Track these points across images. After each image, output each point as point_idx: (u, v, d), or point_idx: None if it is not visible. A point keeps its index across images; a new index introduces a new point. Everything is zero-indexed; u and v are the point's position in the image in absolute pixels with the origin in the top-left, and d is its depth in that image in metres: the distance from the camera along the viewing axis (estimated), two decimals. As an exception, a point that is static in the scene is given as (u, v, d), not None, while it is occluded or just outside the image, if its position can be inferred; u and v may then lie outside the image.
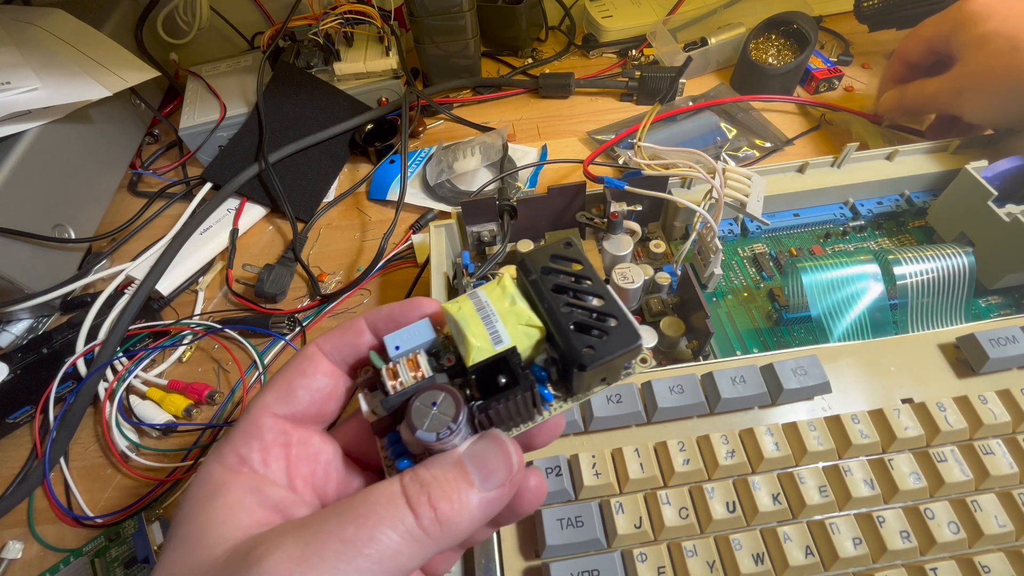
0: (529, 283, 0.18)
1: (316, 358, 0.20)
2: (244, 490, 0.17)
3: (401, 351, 0.18)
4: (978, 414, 0.28)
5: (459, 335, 0.18)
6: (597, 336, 0.17)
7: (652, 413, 0.30)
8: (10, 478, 0.38)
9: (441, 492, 0.16)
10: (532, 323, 0.18)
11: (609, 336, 0.17)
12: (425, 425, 0.16)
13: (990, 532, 0.25)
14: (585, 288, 0.18)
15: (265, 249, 0.51)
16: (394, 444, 0.18)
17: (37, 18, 0.52)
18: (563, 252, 0.19)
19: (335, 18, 0.57)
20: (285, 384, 0.19)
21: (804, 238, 0.44)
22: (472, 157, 0.54)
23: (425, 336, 0.18)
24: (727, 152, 0.53)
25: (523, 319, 0.18)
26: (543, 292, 0.18)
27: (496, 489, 0.17)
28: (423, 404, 0.16)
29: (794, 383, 0.30)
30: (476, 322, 0.17)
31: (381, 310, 0.20)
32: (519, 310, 0.18)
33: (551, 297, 0.18)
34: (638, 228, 0.41)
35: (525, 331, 0.18)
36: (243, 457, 0.18)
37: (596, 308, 0.18)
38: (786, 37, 0.58)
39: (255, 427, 0.19)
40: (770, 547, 0.26)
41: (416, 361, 0.18)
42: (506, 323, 0.18)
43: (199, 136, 0.57)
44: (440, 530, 0.16)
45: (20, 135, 0.44)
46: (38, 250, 0.44)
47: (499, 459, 0.17)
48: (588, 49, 0.67)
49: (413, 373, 0.17)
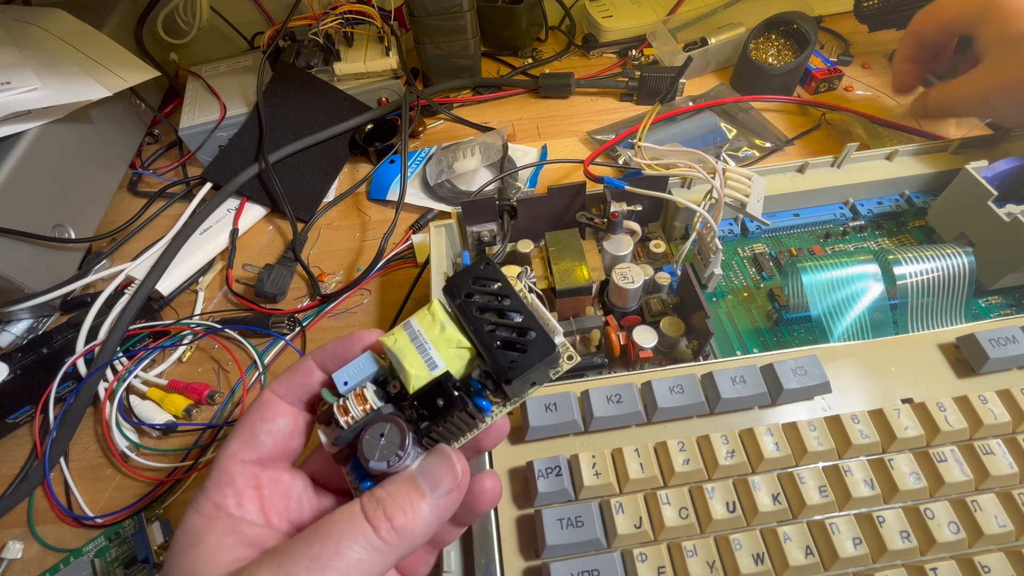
0: (455, 307, 0.20)
1: (273, 402, 0.21)
2: (222, 533, 0.19)
3: (349, 386, 0.20)
4: (978, 414, 0.28)
5: (398, 365, 0.19)
6: (520, 350, 0.19)
7: (652, 413, 0.30)
8: (10, 478, 0.38)
9: (395, 505, 0.18)
10: (462, 345, 0.20)
11: (529, 349, 0.19)
12: (376, 456, 0.18)
13: (990, 532, 0.25)
14: (505, 306, 0.20)
15: (265, 249, 0.51)
16: (357, 469, 0.20)
17: (37, 18, 0.52)
18: (483, 273, 0.21)
19: (335, 18, 0.57)
20: (248, 431, 0.21)
21: (804, 238, 0.44)
22: (472, 157, 0.54)
23: (369, 369, 0.20)
24: (727, 152, 0.53)
25: (453, 343, 0.20)
26: (469, 314, 0.20)
27: (445, 496, 0.19)
28: (372, 436, 0.18)
29: (794, 383, 0.30)
30: (411, 351, 0.19)
31: (326, 348, 0.21)
32: (449, 335, 0.20)
33: (476, 319, 0.20)
34: (638, 228, 0.41)
35: (457, 353, 0.20)
36: (218, 504, 0.19)
37: (516, 324, 0.20)
38: (786, 37, 0.58)
39: (226, 475, 0.20)
40: (770, 547, 0.26)
41: (363, 395, 0.19)
42: (439, 349, 0.19)
43: (199, 136, 0.57)
44: (398, 538, 0.18)
45: (20, 135, 0.44)
46: (38, 250, 0.44)
47: (444, 469, 0.19)
48: (588, 49, 0.67)
49: (362, 406, 0.19)
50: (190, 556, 0.18)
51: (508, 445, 0.30)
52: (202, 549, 0.18)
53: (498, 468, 0.29)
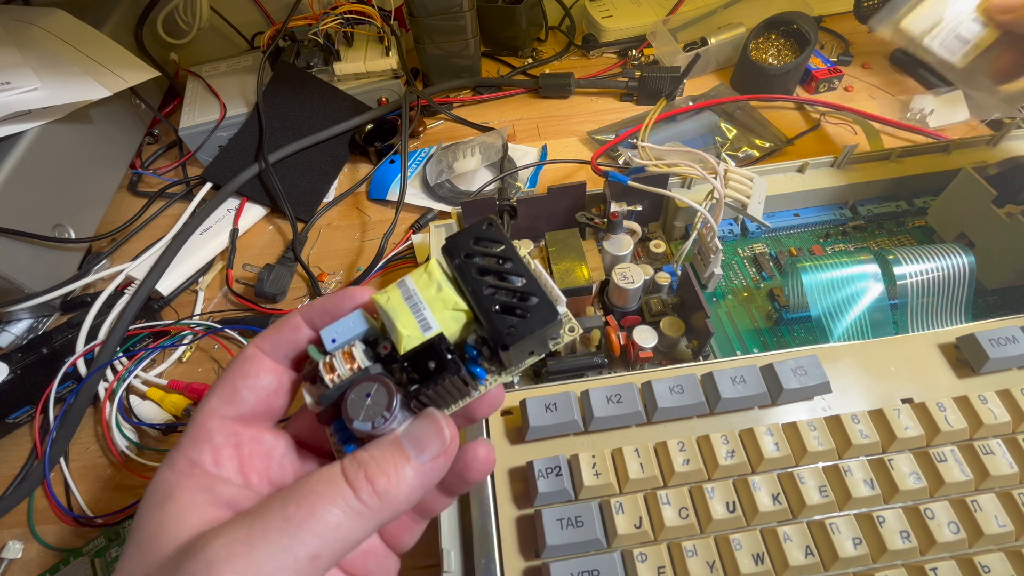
0: (454, 267, 0.19)
1: (257, 358, 0.20)
2: (195, 491, 0.18)
3: (337, 344, 0.18)
4: (978, 414, 0.28)
5: (390, 324, 0.18)
6: (520, 315, 0.18)
7: (652, 413, 0.30)
8: (10, 478, 0.38)
9: (378, 468, 0.17)
10: (458, 307, 0.18)
11: (530, 315, 0.18)
12: (360, 416, 0.17)
13: (990, 532, 0.25)
14: (507, 269, 0.19)
15: (265, 249, 0.51)
16: (340, 431, 0.19)
17: (37, 18, 0.52)
18: (486, 233, 0.19)
19: (335, 18, 0.57)
20: (229, 387, 0.20)
21: (804, 238, 0.44)
22: (472, 157, 0.54)
23: (359, 328, 0.19)
24: (727, 152, 0.53)
25: (449, 304, 0.18)
26: (468, 276, 0.19)
27: (431, 461, 0.18)
28: (357, 396, 0.17)
29: (794, 383, 0.30)
30: (404, 311, 0.18)
31: (315, 304, 0.20)
32: (445, 296, 0.19)
33: (475, 280, 0.18)
34: (638, 228, 0.41)
35: (452, 315, 0.18)
36: (193, 461, 0.18)
37: (517, 288, 0.18)
38: (786, 37, 0.58)
39: (204, 431, 0.19)
40: (770, 547, 0.26)
41: (351, 353, 0.18)
42: (434, 309, 0.18)
43: (199, 136, 0.57)
44: (379, 502, 0.17)
45: (20, 135, 0.44)
46: (38, 250, 0.44)
47: (432, 434, 0.18)
48: (588, 49, 0.67)
49: (349, 365, 0.18)
50: (158, 514, 0.17)
51: (508, 445, 0.30)
52: (172, 507, 0.17)
53: (498, 468, 0.29)
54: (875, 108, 0.56)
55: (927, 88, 0.58)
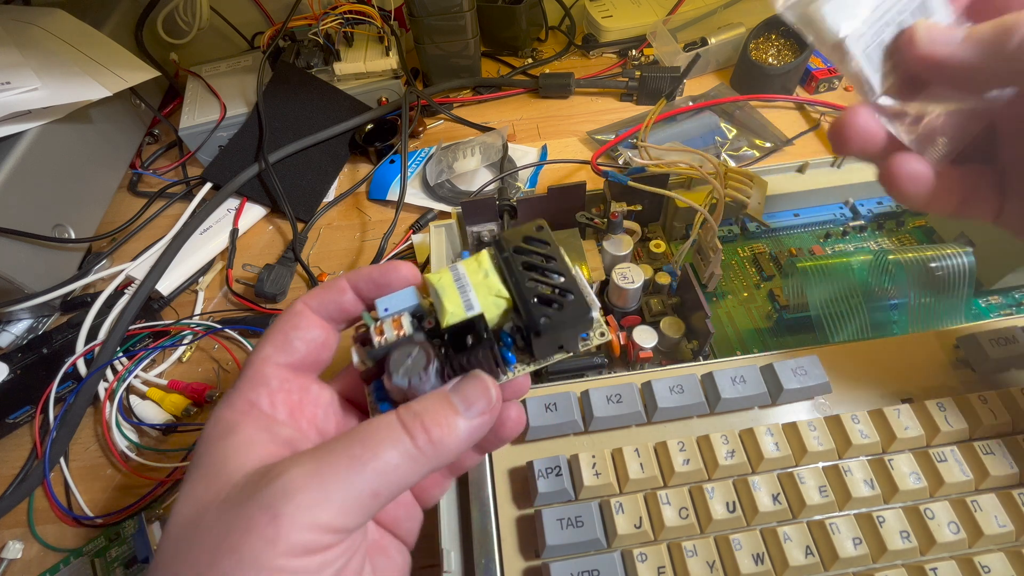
0: (502, 259, 0.21)
1: (306, 313, 0.22)
2: (256, 428, 0.19)
3: (389, 312, 0.21)
4: (978, 414, 0.28)
5: (437, 301, 0.20)
6: (556, 308, 0.20)
7: (652, 413, 0.30)
8: (10, 478, 0.38)
9: (432, 419, 0.19)
10: (501, 294, 0.20)
11: (565, 309, 0.20)
12: (400, 372, 0.19)
13: (990, 532, 0.25)
14: (551, 267, 0.21)
15: (265, 249, 0.51)
16: (378, 390, 0.21)
17: (37, 18, 0.52)
18: (535, 234, 0.22)
19: (335, 18, 0.57)
20: (282, 336, 0.21)
21: (804, 238, 0.44)
22: (472, 157, 0.54)
23: (410, 301, 0.21)
24: (727, 152, 0.53)
25: (493, 291, 0.20)
26: (513, 268, 0.21)
27: (479, 416, 0.19)
28: (400, 356, 0.19)
29: (794, 383, 0.30)
30: (452, 290, 0.20)
31: (361, 272, 0.22)
32: (490, 283, 0.21)
33: (519, 273, 0.20)
34: (638, 228, 0.41)
35: (495, 301, 0.20)
36: (252, 402, 0.20)
37: (558, 284, 0.20)
38: (786, 37, 0.58)
39: (260, 375, 0.20)
40: (770, 547, 0.26)
41: (400, 322, 0.20)
42: (479, 293, 0.20)
43: (199, 136, 0.57)
44: (433, 449, 0.18)
45: (20, 135, 0.44)
46: (38, 250, 0.44)
47: (479, 392, 0.20)
48: (588, 49, 0.67)
49: (397, 331, 0.20)
50: (223, 446, 0.19)
51: (508, 445, 0.30)
52: (236, 440, 0.19)
53: (498, 468, 0.29)
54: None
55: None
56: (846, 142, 0.23)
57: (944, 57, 0.21)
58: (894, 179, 0.23)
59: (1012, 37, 0.20)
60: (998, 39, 0.21)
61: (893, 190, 0.24)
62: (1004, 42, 0.20)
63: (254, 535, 0.16)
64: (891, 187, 0.24)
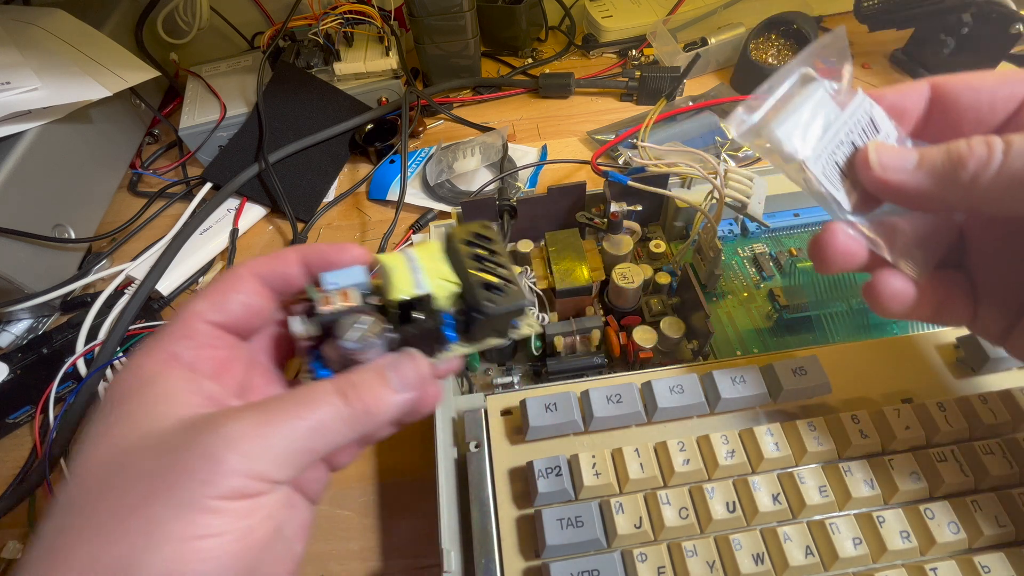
0: (451, 249, 0.23)
1: (248, 277, 0.22)
2: (178, 380, 0.19)
3: (337, 286, 0.21)
4: (978, 414, 0.28)
5: (387, 279, 0.21)
6: (497, 294, 0.22)
7: (652, 413, 0.30)
8: (10, 478, 0.38)
9: (368, 390, 0.20)
10: (448, 279, 0.22)
11: (505, 295, 0.22)
12: (348, 335, 0.20)
13: (990, 532, 0.25)
14: (496, 260, 0.23)
15: (265, 249, 0.51)
16: (316, 359, 0.22)
17: (37, 18, 0.52)
18: (482, 231, 0.24)
19: (335, 18, 0.57)
20: (219, 295, 0.21)
21: (804, 238, 0.44)
22: (472, 157, 0.54)
23: (360, 278, 0.22)
24: (727, 152, 0.53)
25: (442, 275, 0.22)
26: (461, 258, 0.23)
27: (410, 392, 0.21)
28: (350, 321, 0.20)
29: (794, 383, 0.30)
30: (403, 270, 0.22)
31: (313, 247, 0.23)
32: (439, 267, 0.22)
33: (466, 262, 0.22)
34: (638, 228, 0.41)
35: (442, 284, 0.22)
36: (175, 354, 0.20)
37: (502, 275, 0.23)
38: (786, 37, 0.58)
39: (188, 329, 0.20)
40: (770, 547, 0.26)
41: (348, 294, 0.21)
42: (428, 276, 0.22)
43: (199, 136, 0.57)
44: (365, 417, 0.20)
45: (20, 135, 0.44)
46: (38, 250, 0.44)
47: (413, 371, 0.21)
48: (588, 49, 0.67)
49: (344, 303, 0.21)
50: (145, 394, 0.19)
51: (508, 445, 0.30)
52: (159, 390, 0.19)
53: (498, 468, 0.29)
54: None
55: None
56: (827, 262, 0.23)
57: (898, 184, 0.22)
58: (877, 298, 0.24)
59: (965, 168, 0.20)
60: (951, 170, 0.21)
61: (876, 308, 0.24)
62: (957, 173, 0.21)
63: (191, 478, 0.17)
64: (874, 305, 0.24)
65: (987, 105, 0.23)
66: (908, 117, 0.24)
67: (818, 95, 0.22)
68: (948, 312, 0.24)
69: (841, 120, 0.22)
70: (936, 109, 0.24)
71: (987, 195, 0.20)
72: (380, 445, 0.38)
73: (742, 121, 0.22)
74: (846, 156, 0.23)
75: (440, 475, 0.30)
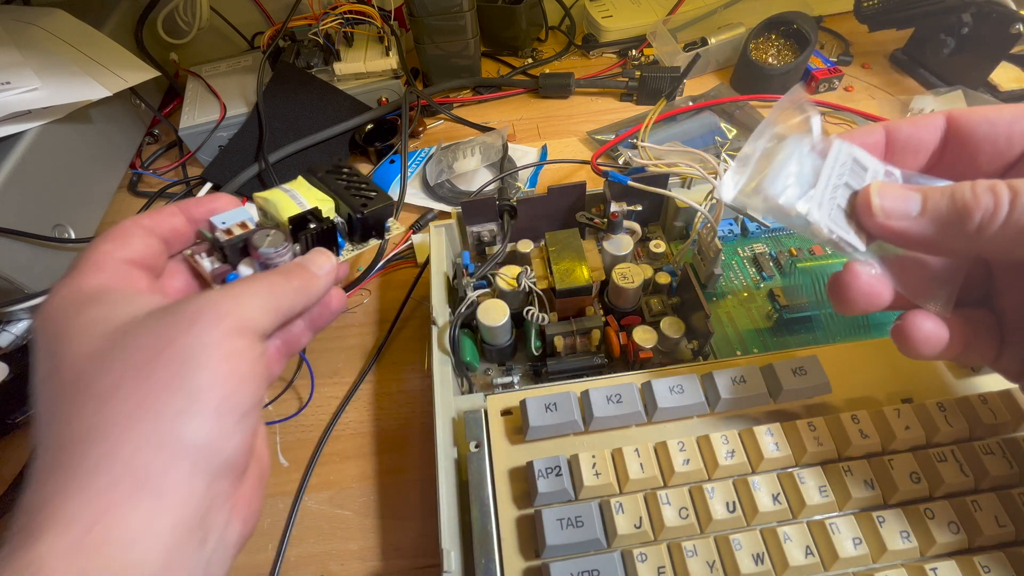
0: (318, 179, 0.28)
1: (136, 227, 0.23)
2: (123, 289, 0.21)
3: (227, 224, 0.24)
4: (978, 414, 0.28)
5: (274, 208, 0.25)
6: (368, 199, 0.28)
7: (652, 413, 0.30)
8: (10, 478, 0.38)
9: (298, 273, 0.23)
10: (325, 198, 0.27)
11: (374, 198, 0.28)
12: (263, 246, 0.24)
13: (990, 532, 0.25)
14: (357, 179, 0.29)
15: (265, 249, 0.51)
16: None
17: (37, 18, 0.52)
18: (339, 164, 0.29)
19: (335, 18, 0.57)
20: (121, 236, 0.22)
21: (804, 238, 0.44)
22: (472, 157, 0.54)
23: (246, 214, 0.25)
24: (727, 152, 0.53)
25: (319, 197, 0.27)
26: (330, 182, 0.28)
27: (326, 275, 0.24)
28: (260, 236, 0.24)
29: (794, 383, 0.30)
30: (286, 199, 0.26)
31: (187, 200, 0.25)
32: (315, 193, 0.27)
33: (335, 184, 0.28)
34: (638, 228, 0.40)
35: (321, 201, 0.27)
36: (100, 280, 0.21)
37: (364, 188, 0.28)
38: (786, 37, 0.58)
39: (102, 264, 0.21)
40: (770, 547, 0.26)
41: (244, 224, 0.25)
42: (307, 199, 0.27)
43: (199, 136, 0.57)
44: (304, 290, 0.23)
45: (20, 135, 0.44)
46: (38, 250, 0.44)
47: (324, 257, 0.25)
48: (588, 49, 0.67)
49: (243, 230, 0.24)
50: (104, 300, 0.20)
51: (508, 445, 0.30)
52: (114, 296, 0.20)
53: (498, 468, 0.29)
54: (875, 108, 0.56)
55: (927, 88, 0.58)
56: (850, 304, 0.23)
57: (903, 231, 0.21)
58: (908, 341, 0.23)
59: (971, 218, 0.20)
60: (956, 219, 0.20)
61: (907, 351, 0.23)
62: (963, 223, 0.20)
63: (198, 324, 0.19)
64: (905, 348, 0.23)
65: (1004, 139, 0.22)
66: (924, 149, 0.24)
67: (797, 149, 0.22)
68: (975, 350, 0.24)
69: (827, 167, 0.22)
70: (952, 142, 0.23)
71: (995, 244, 0.20)
72: (380, 445, 0.38)
73: (732, 187, 0.22)
74: (846, 198, 0.22)
75: (440, 475, 0.30)
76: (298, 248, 0.26)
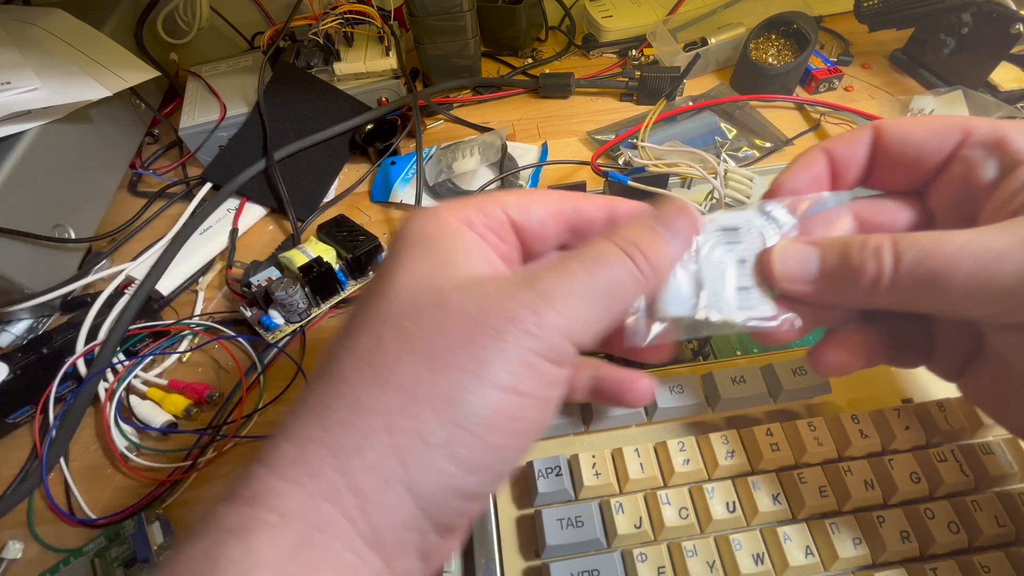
0: (324, 235, 0.42)
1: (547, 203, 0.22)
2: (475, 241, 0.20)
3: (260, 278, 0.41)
4: (978, 414, 0.28)
5: (291, 262, 0.40)
6: (361, 243, 0.40)
7: (652, 413, 0.30)
8: (10, 478, 0.38)
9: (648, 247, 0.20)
10: (328, 249, 0.41)
11: (363, 241, 0.41)
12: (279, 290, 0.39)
13: (990, 532, 0.25)
14: (353, 231, 0.42)
15: (265, 249, 0.51)
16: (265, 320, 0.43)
17: (37, 18, 0.52)
18: (341, 221, 0.42)
19: (335, 18, 0.57)
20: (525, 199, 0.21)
21: (804, 238, 0.44)
22: (472, 157, 0.54)
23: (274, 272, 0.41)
24: (727, 152, 0.53)
25: (321, 249, 0.41)
26: (332, 235, 0.42)
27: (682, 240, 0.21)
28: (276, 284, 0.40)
29: (794, 383, 0.30)
30: (299, 254, 0.40)
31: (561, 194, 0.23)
32: (320, 246, 0.42)
33: (336, 236, 0.42)
34: (638, 228, 0.40)
35: (325, 251, 0.41)
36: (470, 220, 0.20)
37: (359, 239, 0.40)
38: (786, 37, 0.58)
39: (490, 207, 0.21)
40: (770, 547, 0.26)
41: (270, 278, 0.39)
42: (314, 251, 0.40)
43: (199, 136, 0.57)
44: (653, 273, 0.20)
45: (20, 135, 0.44)
46: (38, 250, 0.44)
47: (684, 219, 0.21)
48: (588, 49, 0.67)
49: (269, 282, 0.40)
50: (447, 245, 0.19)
51: (508, 445, 0.30)
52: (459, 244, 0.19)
53: (498, 468, 0.29)
54: (875, 108, 0.56)
55: (927, 88, 0.58)
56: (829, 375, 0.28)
57: (805, 295, 0.22)
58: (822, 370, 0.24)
59: (862, 280, 0.20)
60: (850, 281, 0.21)
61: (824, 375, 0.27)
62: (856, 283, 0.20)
63: (516, 327, 0.17)
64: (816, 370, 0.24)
65: (913, 158, 0.23)
66: (856, 166, 0.24)
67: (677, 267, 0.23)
68: (905, 358, 0.25)
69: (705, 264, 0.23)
70: (878, 156, 0.24)
71: (890, 300, 0.20)
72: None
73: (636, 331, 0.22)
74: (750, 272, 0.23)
75: (440, 475, 0.29)
76: (308, 290, 0.39)
